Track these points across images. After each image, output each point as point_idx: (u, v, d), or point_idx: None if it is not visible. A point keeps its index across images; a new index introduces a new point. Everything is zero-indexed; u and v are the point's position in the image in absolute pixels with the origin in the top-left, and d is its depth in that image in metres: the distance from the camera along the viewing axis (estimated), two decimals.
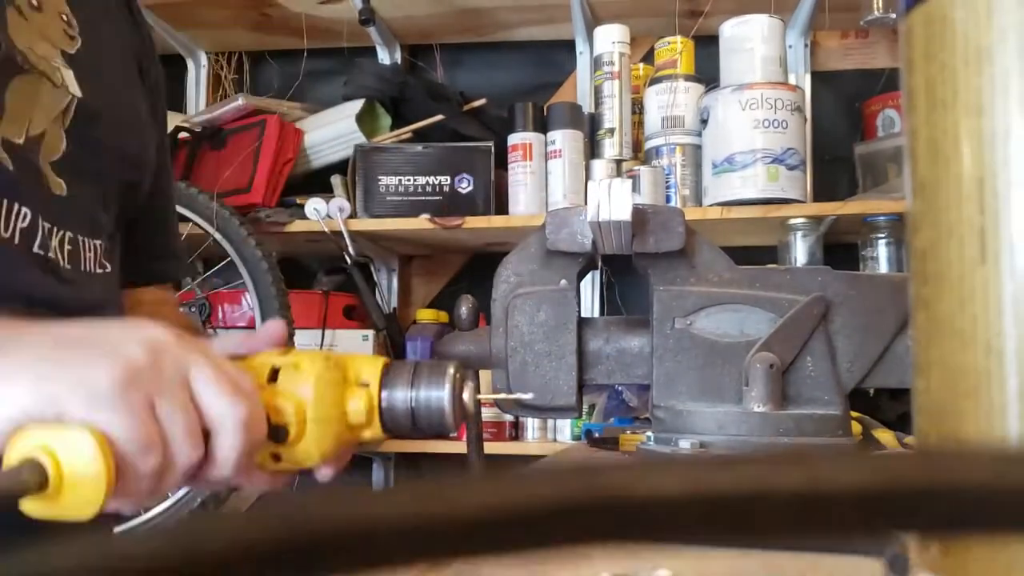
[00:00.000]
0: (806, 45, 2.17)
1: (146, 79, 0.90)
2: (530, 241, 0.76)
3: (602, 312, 2.14)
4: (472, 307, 0.79)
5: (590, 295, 2.15)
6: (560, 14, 2.12)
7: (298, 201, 2.04)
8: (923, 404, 0.33)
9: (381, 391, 0.59)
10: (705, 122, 1.88)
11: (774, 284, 0.72)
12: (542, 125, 2.00)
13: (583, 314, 0.76)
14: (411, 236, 2.08)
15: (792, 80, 2.00)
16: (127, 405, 0.51)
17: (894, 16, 1.88)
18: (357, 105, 2.07)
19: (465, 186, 1.99)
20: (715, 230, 1.89)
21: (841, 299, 0.71)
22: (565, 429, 2.02)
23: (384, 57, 2.31)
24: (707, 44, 2.00)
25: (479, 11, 2.16)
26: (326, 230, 1.97)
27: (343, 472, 0.62)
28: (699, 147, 1.93)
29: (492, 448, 1.90)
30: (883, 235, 1.87)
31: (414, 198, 2.00)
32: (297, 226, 1.99)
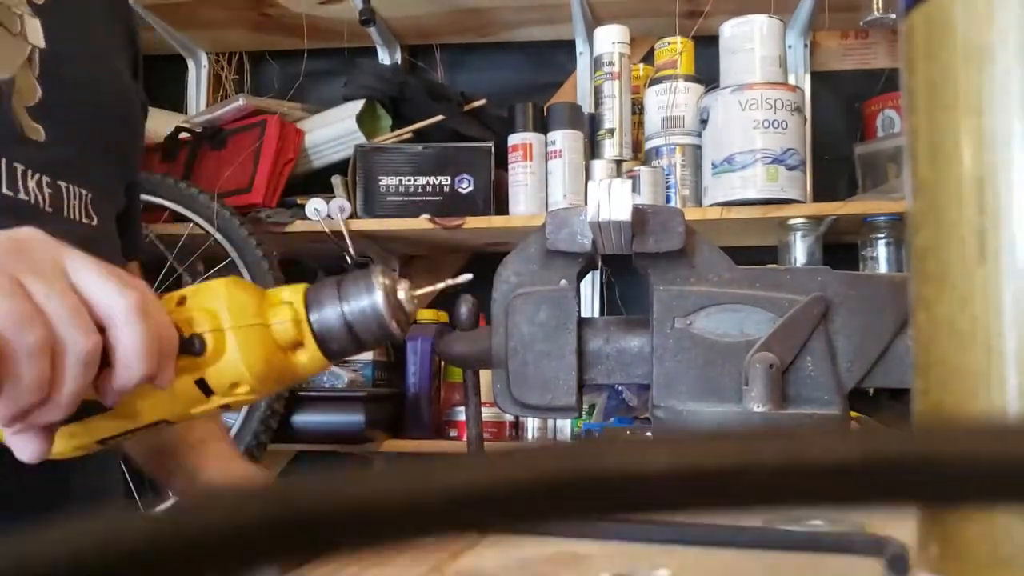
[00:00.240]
0: (806, 45, 2.17)
1: (133, 51, 0.90)
2: (530, 241, 0.76)
3: (602, 312, 2.14)
4: (472, 307, 0.79)
5: (590, 295, 2.15)
6: (560, 14, 2.12)
7: (299, 201, 2.03)
8: (923, 404, 0.33)
9: (309, 312, 0.55)
10: (705, 122, 1.88)
11: (774, 284, 0.72)
12: (542, 125, 1.99)
13: (583, 314, 0.76)
14: (411, 236, 2.08)
15: (792, 80, 2.00)
16: None
17: (894, 16, 1.88)
18: (357, 105, 2.07)
19: (465, 186, 1.99)
20: (715, 230, 1.89)
21: (841, 299, 0.71)
22: (565, 429, 2.03)
23: (384, 57, 2.31)
24: (707, 44, 2.00)
25: (479, 11, 2.16)
26: (326, 230, 1.97)
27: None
28: (699, 147, 1.93)
29: (492, 448, 1.90)
30: (883, 235, 1.87)
31: (414, 198, 2.00)
32: (298, 226, 1.99)
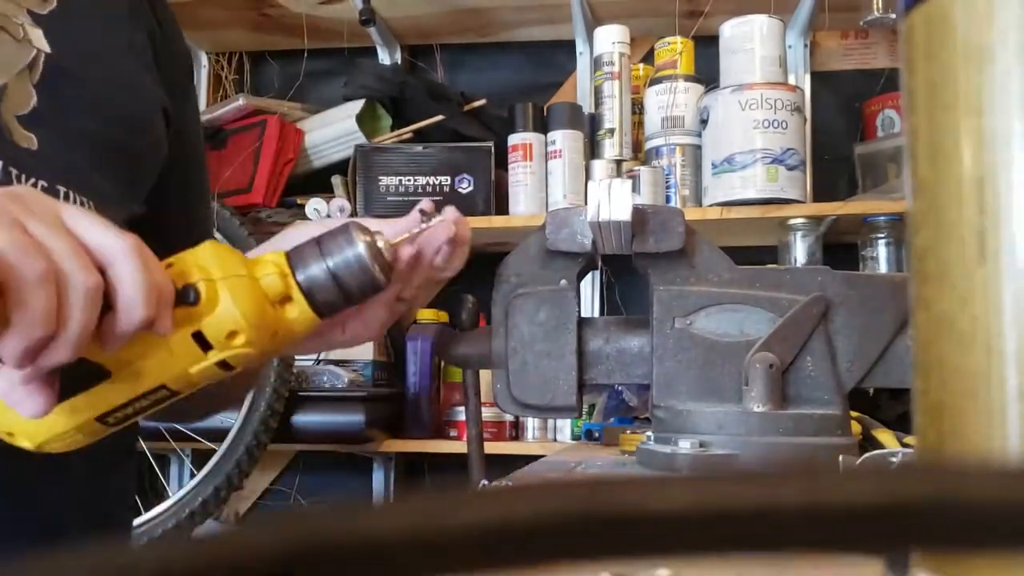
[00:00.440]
0: (806, 45, 2.17)
1: (157, 56, 0.90)
2: (530, 241, 0.76)
3: (602, 312, 2.14)
4: (472, 307, 0.79)
5: (590, 295, 2.15)
6: (560, 14, 2.12)
7: (299, 201, 2.04)
8: (923, 404, 0.33)
9: (294, 271, 0.57)
10: (705, 122, 1.88)
11: (774, 284, 0.72)
12: (542, 125, 1.99)
13: (583, 314, 0.76)
14: None
15: (792, 80, 2.00)
16: None
17: (894, 16, 1.88)
18: (357, 105, 2.07)
19: (465, 186, 1.99)
20: (715, 230, 1.89)
21: (841, 299, 0.71)
22: (565, 429, 2.02)
23: (384, 57, 2.31)
24: (707, 44, 2.00)
25: (479, 11, 2.16)
26: None
27: (343, 474, 0.60)
28: (699, 147, 1.93)
29: (492, 448, 1.90)
30: (883, 235, 1.87)
31: (414, 198, 2.00)
32: None
